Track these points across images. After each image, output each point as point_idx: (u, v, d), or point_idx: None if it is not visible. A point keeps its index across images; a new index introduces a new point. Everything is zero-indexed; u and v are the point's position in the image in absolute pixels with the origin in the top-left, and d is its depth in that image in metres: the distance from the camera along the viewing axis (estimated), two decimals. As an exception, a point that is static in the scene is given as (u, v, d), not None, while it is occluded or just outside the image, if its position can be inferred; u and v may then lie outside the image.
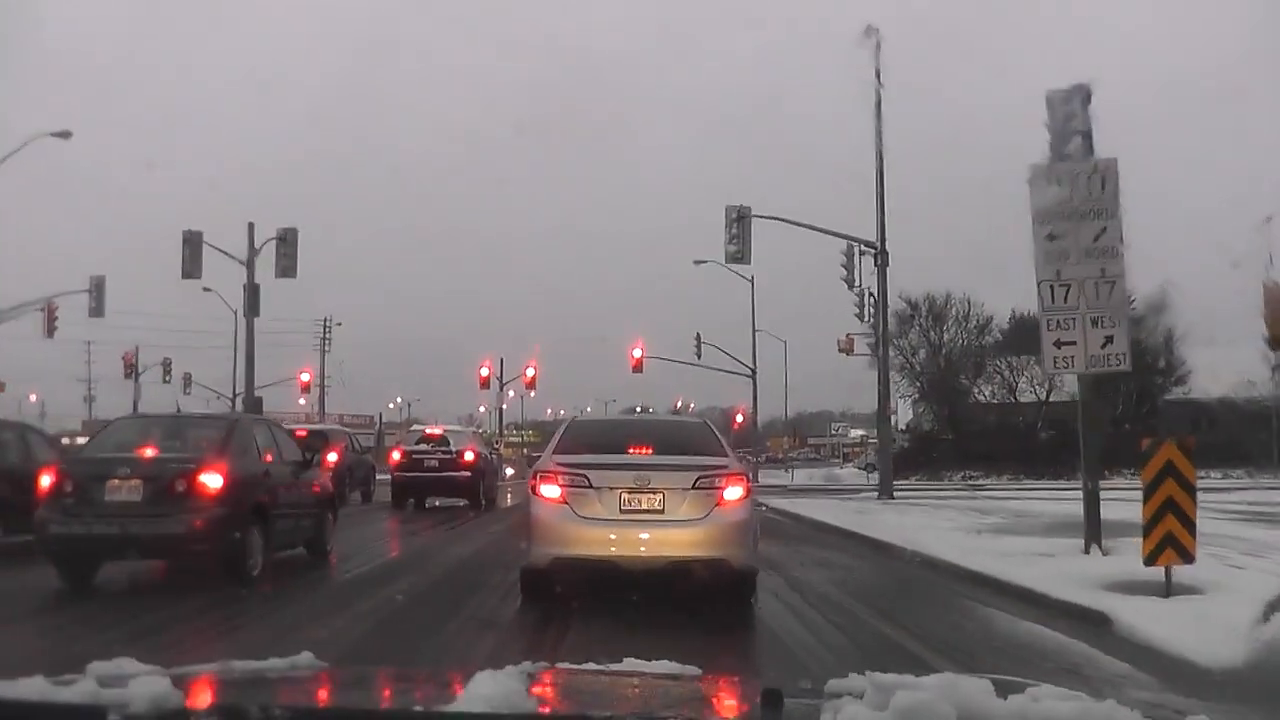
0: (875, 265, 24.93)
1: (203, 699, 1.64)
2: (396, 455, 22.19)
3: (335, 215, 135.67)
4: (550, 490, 7.66)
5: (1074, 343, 10.76)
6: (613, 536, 7.47)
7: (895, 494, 24.27)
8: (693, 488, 7.54)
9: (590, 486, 7.53)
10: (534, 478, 7.90)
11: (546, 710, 1.55)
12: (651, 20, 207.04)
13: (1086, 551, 10.47)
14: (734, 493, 7.64)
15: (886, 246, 24.71)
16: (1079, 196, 10.76)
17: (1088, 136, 11.05)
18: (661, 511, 7.50)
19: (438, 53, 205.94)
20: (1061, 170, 10.92)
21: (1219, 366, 35.86)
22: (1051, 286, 10.79)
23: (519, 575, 8.16)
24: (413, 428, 30.31)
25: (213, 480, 9.15)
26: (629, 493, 7.50)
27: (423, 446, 21.83)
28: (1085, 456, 11.46)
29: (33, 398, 70.82)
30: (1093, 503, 10.84)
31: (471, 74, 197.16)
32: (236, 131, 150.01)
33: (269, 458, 10.52)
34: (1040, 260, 10.85)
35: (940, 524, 15.40)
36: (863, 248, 25.34)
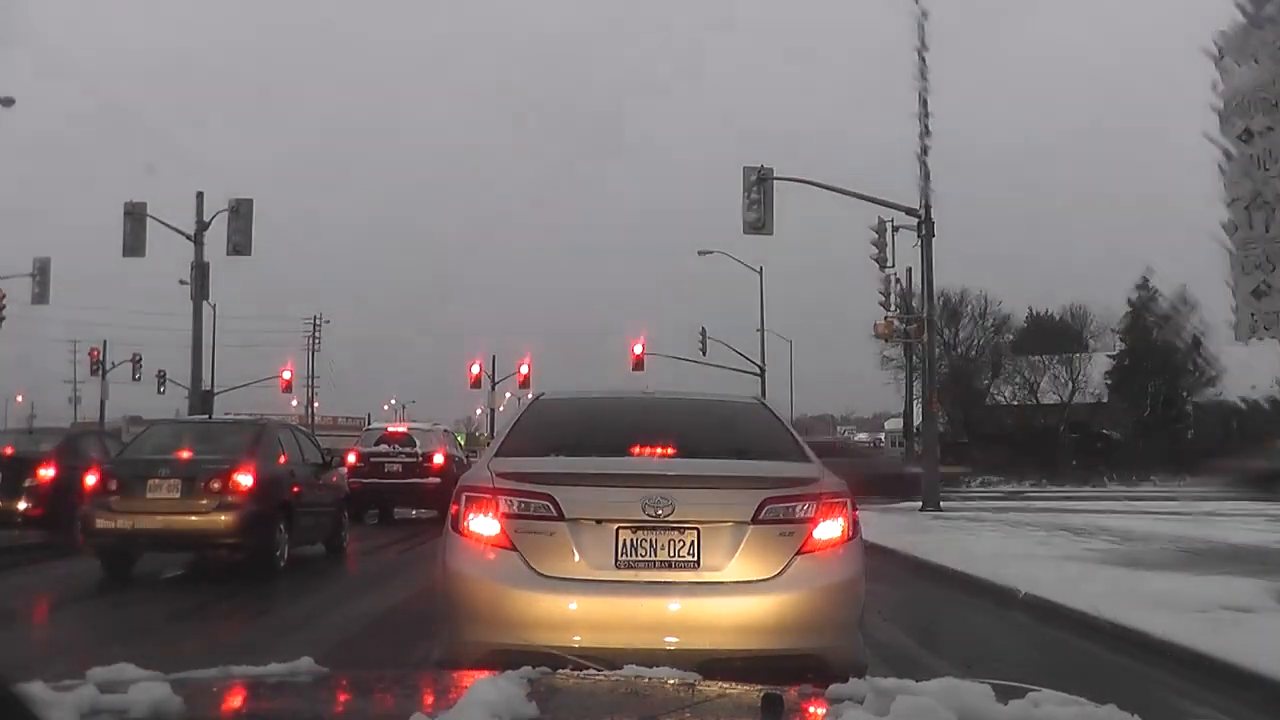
0: (918, 236, 21.87)
1: (202, 704, 1.64)
2: (352, 459, 18.41)
3: (330, 213, 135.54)
4: (484, 525, 4.29)
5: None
6: (603, 613, 4.17)
7: (941, 504, 21.41)
8: (755, 520, 4.26)
9: (560, 518, 4.21)
10: (456, 500, 4.46)
11: (547, 716, 1.55)
12: (652, 10, 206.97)
13: None
14: (830, 530, 4.37)
15: (932, 215, 21.60)
16: None
17: None
18: (695, 564, 4.20)
19: (430, 47, 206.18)
20: (1260, 41, 7.78)
21: (1256, 364, 31.76)
22: (1247, 209, 7.72)
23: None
24: (370, 426, 26.43)
25: (245, 479, 10.01)
26: (634, 530, 4.22)
27: (383, 448, 18.88)
28: None
29: (19, 399, 70.58)
30: None
31: (468, 70, 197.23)
32: (224, 128, 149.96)
33: (293, 459, 11.49)
34: (1231, 170, 7.88)
35: (1035, 550, 11.93)
36: (904, 214, 22.33)
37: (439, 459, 18.60)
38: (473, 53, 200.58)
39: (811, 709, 1.86)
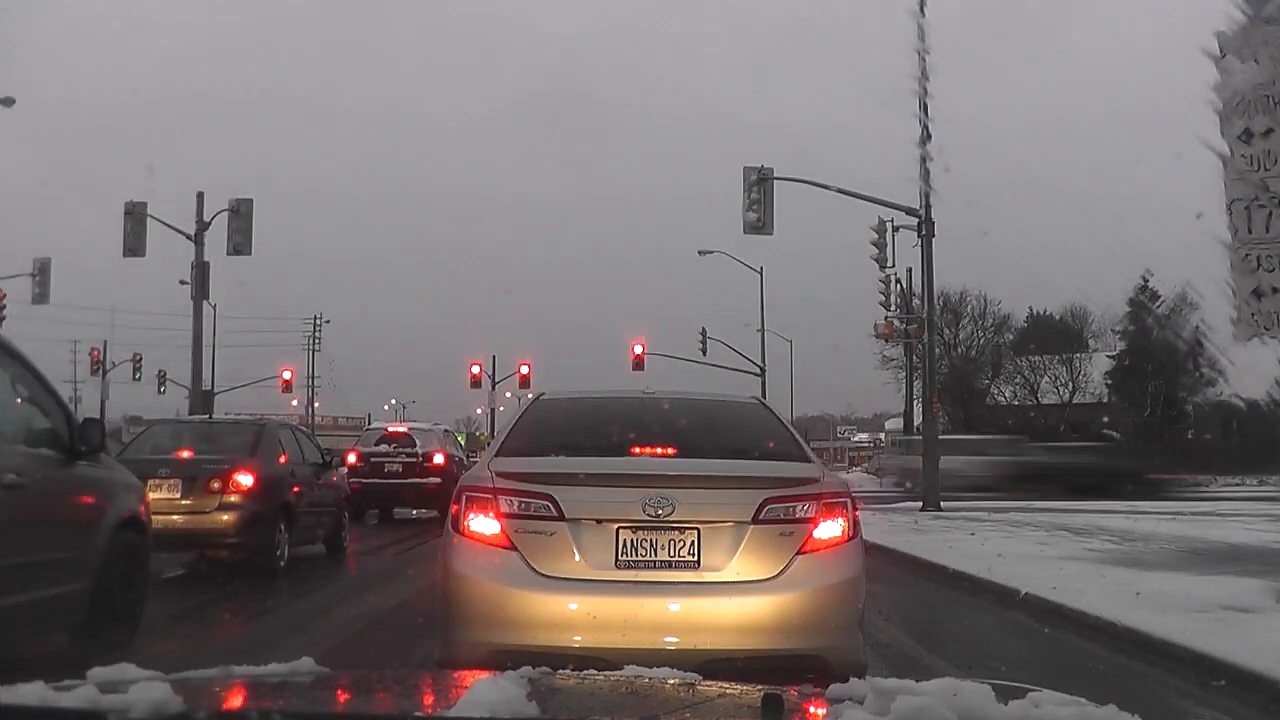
0: (918, 236, 21.94)
1: (203, 704, 1.64)
2: (352, 459, 18.17)
3: (330, 213, 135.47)
4: (485, 525, 4.29)
5: None
6: (603, 613, 4.11)
7: (942, 505, 21.31)
8: (755, 520, 4.25)
9: (560, 518, 4.21)
10: (457, 500, 4.47)
11: (547, 716, 1.55)
12: (652, 10, 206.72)
13: None
14: (830, 530, 4.36)
15: (932, 215, 21.62)
16: None
17: None
18: (696, 564, 4.20)
19: (428, 47, 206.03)
20: (1260, 38, 7.70)
21: (1261, 364, 32.13)
22: (1247, 209, 7.68)
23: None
24: (370, 426, 26.87)
25: (245, 479, 10.00)
26: (635, 529, 4.22)
27: (383, 448, 18.90)
28: None
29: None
30: None
31: (469, 71, 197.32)
32: (224, 129, 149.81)
33: (293, 459, 11.45)
34: (1231, 171, 7.81)
35: (1035, 550, 11.86)
36: (904, 214, 22.39)
37: (439, 459, 18.62)
38: (474, 53, 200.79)
39: (811, 709, 1.86)
